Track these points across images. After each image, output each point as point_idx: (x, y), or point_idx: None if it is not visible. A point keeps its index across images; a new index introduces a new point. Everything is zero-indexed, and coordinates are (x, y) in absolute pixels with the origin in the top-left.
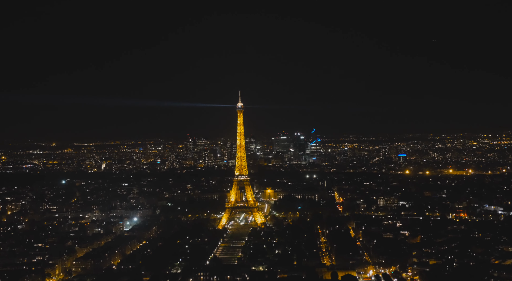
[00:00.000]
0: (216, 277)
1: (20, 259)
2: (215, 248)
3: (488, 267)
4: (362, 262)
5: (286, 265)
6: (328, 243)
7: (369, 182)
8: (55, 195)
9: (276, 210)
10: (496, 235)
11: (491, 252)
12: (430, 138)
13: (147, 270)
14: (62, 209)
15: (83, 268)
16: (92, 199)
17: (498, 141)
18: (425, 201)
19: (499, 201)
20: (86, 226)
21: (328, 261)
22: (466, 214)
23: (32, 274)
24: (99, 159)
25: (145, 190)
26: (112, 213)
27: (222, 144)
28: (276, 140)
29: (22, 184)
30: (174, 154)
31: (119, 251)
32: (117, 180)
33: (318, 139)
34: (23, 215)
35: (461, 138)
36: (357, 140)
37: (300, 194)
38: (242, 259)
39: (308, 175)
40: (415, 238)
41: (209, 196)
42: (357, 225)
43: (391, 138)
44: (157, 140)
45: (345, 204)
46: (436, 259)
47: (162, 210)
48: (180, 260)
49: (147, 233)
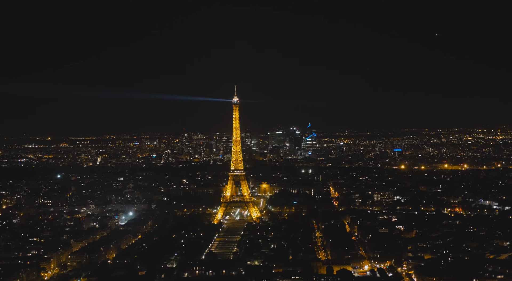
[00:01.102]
0: (211, 271)
1: (15, 253)
2: (210, 243)
3: (483, 262)
4: (357, 257)
5: (282, 260)
6: (323, 237)
7: (365, 177)
8: (51, 190)
9: (272, 205)
10: (490, 230)
11: (486, 247)
12: (426, 133)
13: (142, 265)
14: (57, 204)
15: (78, 262)
16: (88, 193)
17: (493, 136)
18: (420, 196)
19: (494, 196)
20: (81, 220)
21: (323, 255)
22: (461, 209)
23: (27, 268)
24: (95, 153)
25: (140, 184)
26: (108, 208)
27: (217, 138)
28: (271, 134)
29: (17, 178)
30: (169, 148)
31: (115, 245)
32: (112, 174)
33: (314, 134)
34: (18, 209)
35: (457, 133)
36: (352, 135)
37: (295, 189)
38: (238, 254)
39: (303, 170)
40: (410, 233)
41: (204, 191)
42: (353, 220)
43: (387, 133)
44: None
45: (340, 199)
46: (431, 253)
47: (158, 204)
48: (176, 254)
49: (143, 227)
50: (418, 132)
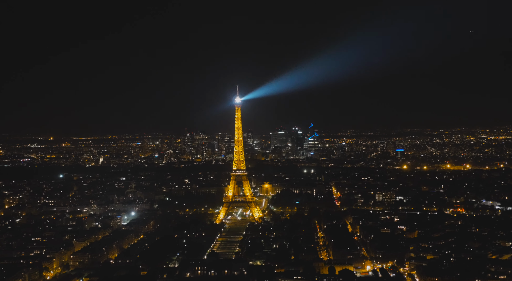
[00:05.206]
0: (213, 271)
1: (17, 253)
2: (212, 243)
3: (485, 262)
4: (359, 257)
5: (284, 260)
6: (325, 237)
7: (367, 177)
8: (53, 189)
9: (274, 205)
10: (493, 230)
11: (488, 247)
12: (428, 133)
13: (144, 264)
14: (59, 203)
15: (81, 262)
16: (90, 193)
17: (495, 136)
18: (422, 196)
19: (497, 196)
20: (83, 220)
21: (325, 255)
22: (463, 209)
23: (29, 268)
24: (97, 153)
25: (142, 184)
26: (110, 207)
27: (220, 138)
28: (274, 134)
29: (19, 178)
30: (172, 148)
31: (117, 245)
32: (114, 174)
33: (316, 134)
34: (21, 209)
35: (459, 133)
36: (355, 135)
37: (297, 189)
38: (240, 254)
39: (305, 170)
40: (413, 233)
41: (206, 191)
42: (355, 220)
43: (389, 133)
44: (155, 135)
45: (342, 199)
46: (433, 254)
47: (160, 204)
48: (178, 254)
49: (145, 227)
50: (420, 132)
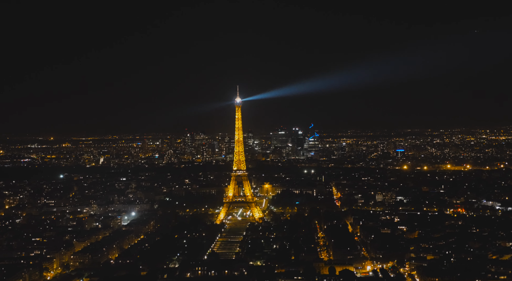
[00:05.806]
0: (214, 271)
1: (18, 253)
2: (213, 243)
3: (486, 262)
4: (359, 257)
5: (284, 260)
6: (325, 238)
7: (367, 177)
8: (53, 190)
9: (274, 205)
10: (493, 230)
11: (489, 247)
12: (428, 134)
13: (144, 265)
14: (60, 204)
15: (81, 262)
16: (90, 193)
17: (496, 136)
18: (422, 196)
19: (497, 196)
20: (84, 220)
21: (325, 256)
22: (463, 209)
23: (30, 268)
24: (97, 153)
25: (143, 184)
26: (110, 208)
27: (220, 139)
28: (274, 135)
29: (20, 178)
30: (172, 148)
31: (117, 245)
32: (115, 174)
33: (316, 134)
34: (21, 209)
35: (459, 134)
36: (355, 135)
37: (298, 189)
38: (240, 254)
39: (306, 170)
40: (413, 233)
41: (207, 191)
42: (355, 220)
43: (389, 133)
44: (155, 135)
45: (343, 199)
46: (434, 254)
47: (160, 204)
48: (178, 254)
49: (145, 227)
50: (420, 133)
